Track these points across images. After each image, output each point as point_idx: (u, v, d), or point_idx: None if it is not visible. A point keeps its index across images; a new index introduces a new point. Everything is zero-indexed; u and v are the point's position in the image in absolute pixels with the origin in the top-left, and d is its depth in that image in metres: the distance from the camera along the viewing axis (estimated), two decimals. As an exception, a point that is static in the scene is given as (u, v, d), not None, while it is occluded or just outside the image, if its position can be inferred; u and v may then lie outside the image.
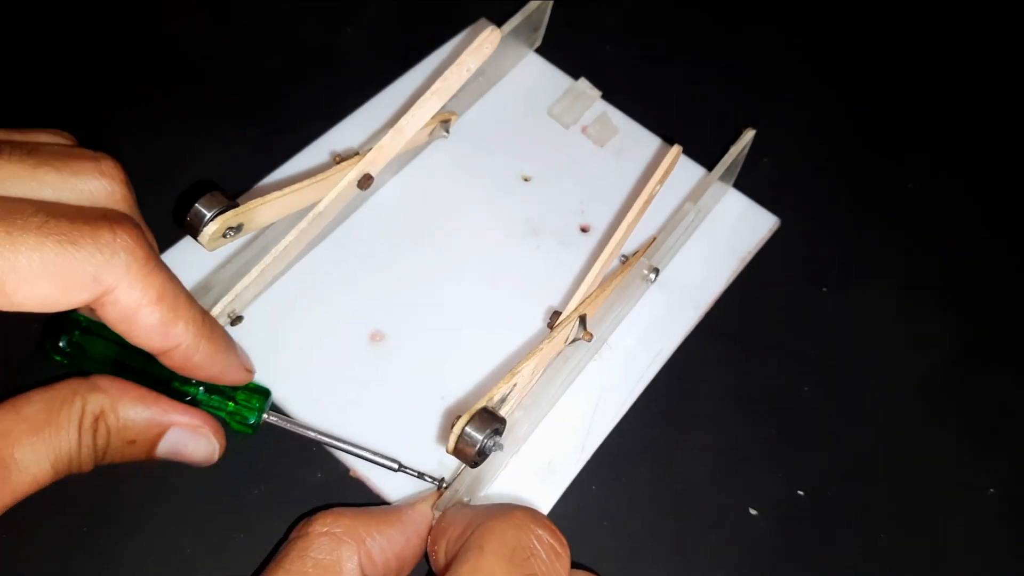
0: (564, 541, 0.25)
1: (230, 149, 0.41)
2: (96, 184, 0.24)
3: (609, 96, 0.43)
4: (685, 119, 0.44)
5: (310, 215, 0.34)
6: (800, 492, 0.35)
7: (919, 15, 0.51)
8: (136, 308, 0.23)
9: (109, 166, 0.25)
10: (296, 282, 0.36)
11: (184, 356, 0.25)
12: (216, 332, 0.27)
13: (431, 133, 0.40)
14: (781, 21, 0.49)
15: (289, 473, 0.33)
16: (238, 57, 0.44)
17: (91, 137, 0.40)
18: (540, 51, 0.45)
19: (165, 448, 0.26)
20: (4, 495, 0.23)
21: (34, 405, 0.25)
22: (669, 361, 0.37)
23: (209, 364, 0.26)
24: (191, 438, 0.26)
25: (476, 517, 0.26)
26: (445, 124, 0.40)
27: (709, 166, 0.41)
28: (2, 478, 0.23)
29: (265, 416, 0.30)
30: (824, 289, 0.40)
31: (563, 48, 0.45)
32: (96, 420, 0.25)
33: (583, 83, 0.43)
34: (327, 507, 0.31)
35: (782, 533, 0.34)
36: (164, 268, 0.24)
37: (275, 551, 0.31)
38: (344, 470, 0.33)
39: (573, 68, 0.44)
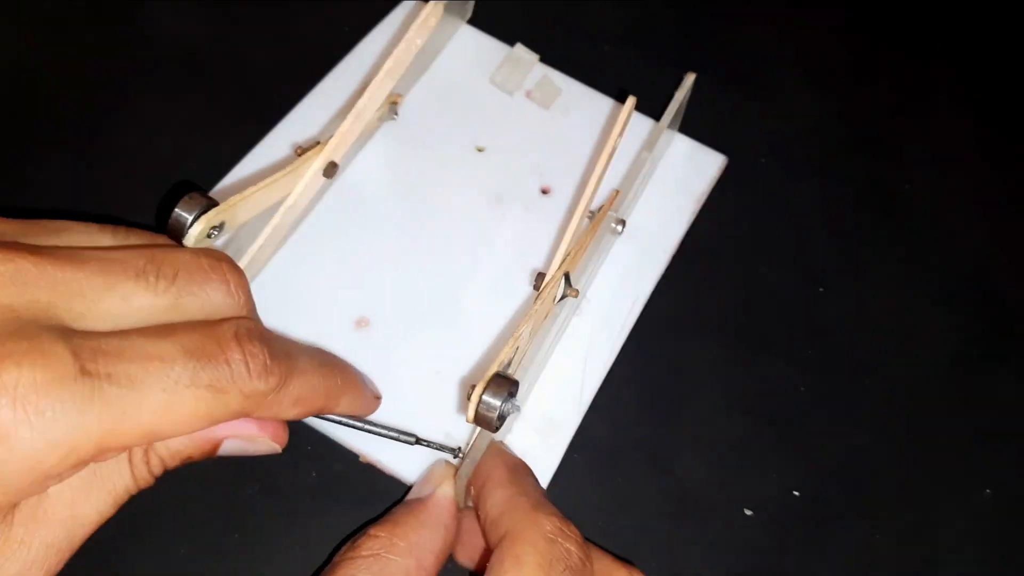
0: (588, 554, 0.26)
1: (230, 148, 0.40)
2: (223, 299, 0.25)
3: (546, 58, 0.44)
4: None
5: (281, 210, 0.34)
6: (795, 492, 0.35)
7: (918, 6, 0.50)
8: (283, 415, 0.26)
9: (236, 278, 0.25)
10: (271, 281, 0.36)
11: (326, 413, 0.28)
12: (348, 380, 0.28)
13: (380, 116, 0.40)
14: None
15: (283, 472, 0.33)
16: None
17: (91, 135, 0.40)
18: (472, 22, 0.45)
19: (225, 453, 0.26)
20: (70, 549, 0.23)
21: None
22: (664, 359, 0.37)
23: (350, 409, 0.29)
24: (248, 444, 0.26)
25: (510, 509, 0.27)
26: (393, 106, 0.40)
27: (649, 114, 0.42)
28: (67, 539, 0.23)
29: None
30: (821, 289, 0.40)
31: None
32: (146, 453, 0.24)
33: (520, 48, 0.44)
34: (324, 507, 0.32)
35: (777, 533, 0.34)
36: (292, 359, 0.25)
37: (270, 551, 0.31)
38: (340, 469, 0.33)
39: (507, 34, 0.44)
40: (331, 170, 0.35)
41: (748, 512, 0.34)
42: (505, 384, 0.28)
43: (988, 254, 0.42)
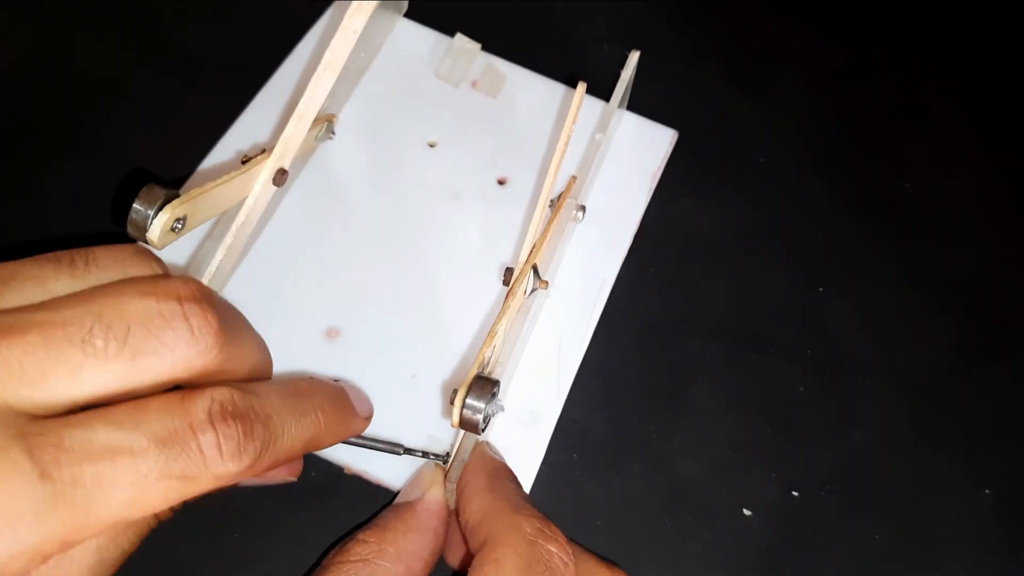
0: (570, 552, 0.26)
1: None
2: (187, 348, 0.22)
3: (488, 47, 0.43)
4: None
5: (233, 227, 0.33)
6: (794, 493, 0.35)
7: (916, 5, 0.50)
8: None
9: (199, 319, 0.22)
10: (233, 300, 0.35)
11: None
12: (334, 421, 0.27)
13: (317, 136, 0.39)
14: None
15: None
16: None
17: (87, 133, 0.39)
18: (408, 15, 0.44)
19: (244, 485, 0.26)
20: None
21: None
22: (664, 359, 0.37)
23: (336, 442, 0.29)
24: (266, 479, 0.27)
25: (490, 513, 0.27)
26: (330, 124, 0.39)
27: (596, 94, 0.42)
28: None
29: None
30: (821, 289, 0.40)
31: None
32: None
33: (460, 38, 0.43)
34: (324, 508, 0.32)
35: (776, 534, 0.34)
36: (271, 423, 0.23)
37: (271, 551, 0.31)
38: (338, 469, 0.33)
39: (446, 25, 0.44)
40: (281, 178, 0.34)
41: (748, 512, 0.34)
42: (487, 385, 0.28)
43: (987, 254, 0.42)
